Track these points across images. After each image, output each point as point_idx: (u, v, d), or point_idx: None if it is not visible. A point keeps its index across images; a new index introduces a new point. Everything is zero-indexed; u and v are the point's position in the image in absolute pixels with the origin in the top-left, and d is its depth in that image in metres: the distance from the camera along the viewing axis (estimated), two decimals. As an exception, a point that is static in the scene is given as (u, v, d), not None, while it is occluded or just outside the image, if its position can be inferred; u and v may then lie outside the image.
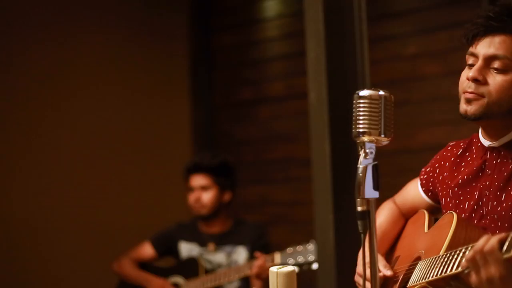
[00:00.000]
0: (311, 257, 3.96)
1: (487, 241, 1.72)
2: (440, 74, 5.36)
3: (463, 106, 2.22)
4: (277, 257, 4.04)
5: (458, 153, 2.46)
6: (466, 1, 5.22)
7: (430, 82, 5.45)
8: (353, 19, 3.74)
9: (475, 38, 2.22)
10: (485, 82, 2.18)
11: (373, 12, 5.43)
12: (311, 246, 3.96)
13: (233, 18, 6.72)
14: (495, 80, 2.17)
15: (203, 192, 4.45)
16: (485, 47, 2.19)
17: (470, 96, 2.20)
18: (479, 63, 2.20)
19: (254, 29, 6.61)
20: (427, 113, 5.50)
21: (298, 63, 5.59)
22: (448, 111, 2.36)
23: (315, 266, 3.96)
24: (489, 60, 2.18)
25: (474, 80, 2.19)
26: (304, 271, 3.95)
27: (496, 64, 2.17)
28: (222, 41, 6.76)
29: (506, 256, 1.62)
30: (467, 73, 2.23)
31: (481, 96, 2.18)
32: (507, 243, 1.63)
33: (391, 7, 5.77)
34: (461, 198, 2.36)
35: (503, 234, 1.67)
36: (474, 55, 2.23)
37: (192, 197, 4.47)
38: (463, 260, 1.92)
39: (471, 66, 2.23)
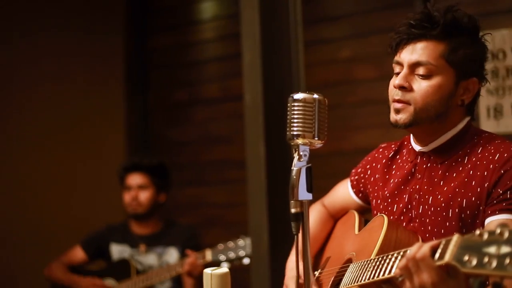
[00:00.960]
0: (242, 252, 3.97)
1: (419, 249, 1.74)
2: (373, 78, 5.44)
3: (393, 116, 2.26)
4: (208, 253, 4.05)
5: (390, 156, 2.50)
6: (400, 5, 5.31)
7: (364, 85, 5.52)
8: (289, 22, 3.77)
9: (398, 46, 2.27)
10: (411, 89, 2.22)
11: (309, 15, 5.48)
12: (241, 242, 3.98)
13: (169, 19, 6.69)
14: (420, 86, 2.21)
15: (140, 191, 4.45)
16: (408, 54, 2.23)
17: (398, 106, 2.23)
18: (404, 70, 2.24)
19: (190, 31, 6.60)
20: (360, 116, 5.57)
21: (233, 65, 5.60)
22: (381, 114, 2.39)
23: (246, 261, 3.98)
24: (413, 67, 2.22)
25: (400, 87, 2.23)
26: (235, 266, 3.96)
27: (420, 71, 2.21)
28: (157, 42, 6.72)
29: (438, 263, 1.65)
30: (394, 81, 2.27)
31: (408, 103, 2.22)
32: (439, 251, 1.66)
33: (326, 11, 5.83)
34: (392, 201, 2.39)
35: (435, 242, 1.69)
36: (399, 63, 2.27)
37: (129, 196, 4.45)
38: (396, 267, 1.93)
39: (397, 74, 2.27)
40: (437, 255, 1.66)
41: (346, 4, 5.75)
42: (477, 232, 1.52)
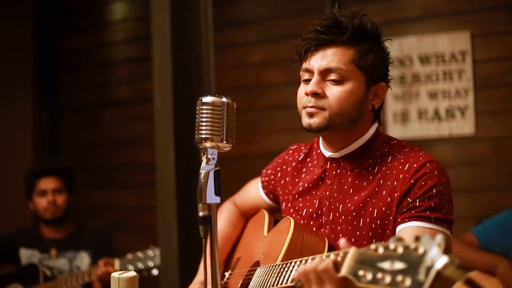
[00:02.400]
0: (151, 263, 3.95)
1: (322, 261, 1.72)
2: (283, 83, 5.49)
3: (306, 120, 2.24)
4: (117, 263, 4.01)
5: (300, 158, 2.51)
6: (310, 11, 5.38)
7: (274, 90, 5.57)
8: (200, 26, 3.76)
9: (307, 53, 2.25)
10: (324, 95, 2.20)
11: (220, 19, 5.49)
12: (151, 252, 3.95)
13: (79, 20, 6.59)
14: (333, 92, 2.20)
15: (56, 195, 4.37)
16: (318, 61, 2.22)
17: (311, 110, 2.22)
18: (316, 77, 2.22)
19: (100, 32, 6.52)
20: (270, 120, 5.62)
21: (144, 68, 5.57)
22: (290, 118, 2.40)
23: (155, 272, 3.95)
24: (324, 73, 2.21)
25: (314, 94, 2.21)
26: (144, 277, 3.93)
27: (332, 76, 2.20)
28: (67, 43, 6.62)
29: (340, 275, 1.65)
30: (304, 89, 2.26)
31: (322, 109, 2.21)
32: (345, 264, 1.65)
33: (237, 15, 5.85)
34: (301, 204, 2.40)
35: (338, 257, 1.68)
36: (309, 70, 2.25)
37: (44, 200, 4.36)
38: (294, 273, 1.94)
39: (307, 81, 2.26)
40: (340, 268, 1.66)
41: (256, 9, 5.79)
42: (373, 246, 1.52)
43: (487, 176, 5.02)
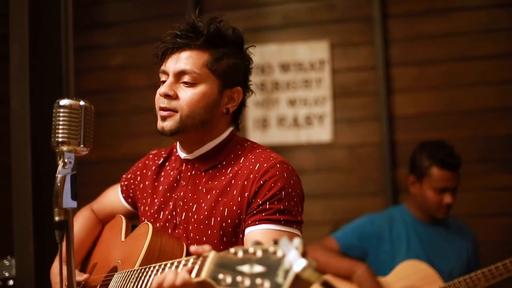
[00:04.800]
0: (7, 273, 3.82)
1: (177, 276, 1.74)
2: (145, 86, 5.47)
3: (160, 124, 2.28)
4: None
5: (159, 163, 2.53)
6: (173, 15, 5.38)
7: (135, 93, 5.53)
8: (60, 26, 3.68)
9: (164, 55, 2.31)
10: (176, 97, 2.25)
11: (81, 21, 5.40)
12: (7, 262, 3.82)
13: None
14: (186, 94, 2.25)
15: None
16: (173, 63, 2.27)
17: (164, 113, 2.26)
18: (170, 79, 2.27)
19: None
20: (131, 124, 5.58)
21: (1, 68, 5.39)
22: (151, 122, 2.38)
23: (11, 282, 3.83)
24: (178, 75, 2.26)
25: (166, 95, 2.26)
26: (-1, 287, 3.81)
27: (185, 79, 2.25)
28: None
29: (195, 280, 1.66)
30: (160, 90, 2.30)
31: (174, 111, 2.25)
32: (196, 267, 1.67)
33: (99, 17, 5.78)
34: (158, 208, 2.41)
35: (196, 262, 1.69)
36: (165, 72, 2.30)
37: None
38: (150, 286, 1.94)
39: (163, 82, 2.30)
40: (194, 272, 1.68)
41: (118, 11, 5.74)
42: (232, 250, 1.53)
43: (344, 182, 5.17)
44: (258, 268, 1.44)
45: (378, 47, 5.12)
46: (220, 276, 1.52)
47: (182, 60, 2.26)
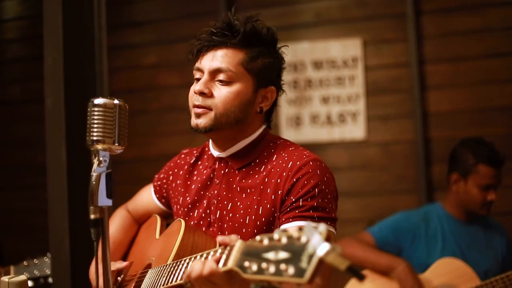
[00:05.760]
0: (48, 270, 3.86)
1: (204, 265, 1.77)
2: (177, 85, 5.49)
3: (194, 120, 2.28)
4: (12, 270, 3.89)
5: (192, 162, 2.53)
6: (205, 14, 5.39)
7: (168, 92, 5.56)
8: (93, 26, 3.71)
9: (199, 53, 2.30)
10: (211, 95, 2.25)
11: (114, 20, 5.44)
12: (47, 259, 3.86)
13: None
14: (221, 92, 2.24)
15: None
16: (209, 61, 2.27)
17: (199, 111, 2.25)
18: (205, 76, 2.27)
19: (-9, 30, 6.36)
20: (164, 123, 5.60)
21: (36, 67, 5.45)
22: (184, 121, 2.39)
23: (51, 280, 3.86)
24: (213, 73, 2.26)
25: (201, 93, 2.25)
26: (40, 284, 3.85)
27: (220, 77, 2.25)
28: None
29: (223, 269, 1.68)
30: (194, 87, 2.30)
31: (208, 109, 2.25)
32: (224, 257, 1.69)
33: (132, 16, 5.81)
34: (192, 206, 2.42)
35: (224, 252, 1.72)
36: (200, 70, 2.30)
37: None
38: (182, 276, 1.96)
39: (198, 80, 2.30)
40: (221, 262, 1.70)
41: (152, 10, 5.77)
42: (258, 237, 1.55)
43: (377, 179, 5.15)
44: (283, 254, 1.45)
45: (411, 43, 5.09)
46: (246, 264, 1.54)
47: (218, 58, 2.25)
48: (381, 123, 5.17)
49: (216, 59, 2.26)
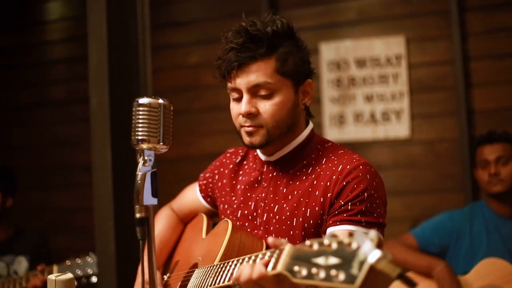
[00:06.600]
0: (90, 270, 3.89)
1: (253, 269, 1.75)
2: (220, 84, 5.49)
3: (247, 139, 2.24)
4: (55, 270, 3.94)
5: (237, 161, 2.52)
6: (247, 13, 5.39)
7: (211, 91, 5.57)
8: (137, 26, 3.74)
9: (230, 73, 2.23)
10: (258, 113, 2.21)
11: (158, 20, 5.47)
12: (90, 259, 3.89)
13: (14, 19, 6.49)
14: (266, 107, 2.20)
15: None
16: (244, 79, 2.20)
17: (249, 129, 2.22)
18: (246, 96, 2.21)
19: (36, 31, 6.43)
20: (208, 122, 5.62)
21: (80, 68, 5.51)
22: (228, 120, 2.38)
23: (94, 279, 3.90)
24: (252, 90, 2.20)
25: (248, 114, 2.21)
26: (83, 284, 3.88)
27: (261, 92, 2.20)
28: (2, 42, 6.51)
29: (272, 273, 1.68)
30: (236, 108, 2.25)
31: (259, 126, 2.21)
32: (273, 260, 1.68)
33: (175, 16, 5.84)
34: (237, 207, 2.41)
35: (273, 255, 1.71)
36: (236, 89, 2.24)
37: None
38: (231, 278, 1.96)
39: (236, 100, 2.25)
40: (270, 265, 1.69)
41: (194, 10, 5.79)
42: (308, 242, 1.53)
43: (422, 178, 5.11)
44: (333, 260, 1.45)
45: (456, 41, 5.03)
46: (296, 268, 1.53)
47: (253, 74, 2.19)
48: (425, 121, 5.13)
49: (250, 75, 2.19)
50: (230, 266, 2.03)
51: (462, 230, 3.83)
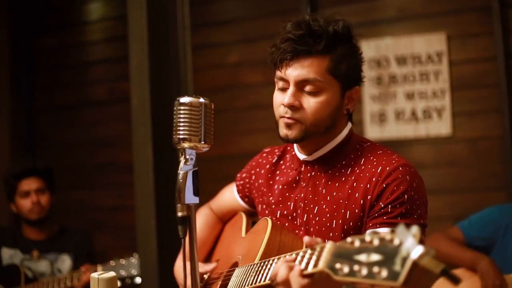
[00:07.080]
0: (134, 271, 3.91)
1: (290, 270, 1.75)
2: (260, 83, 5.50)
3: (283, 131, 2.24)
4: (99, 269, 3.97)
5: (273, 161, 2.51)
6: (287, 12, 5.38)
7: (251, 90, 5.57)
8: (177, 26, 3.76)
9: (282, 62, 2.22)
10: (300, 107, 2.20)
11: (197, 20, 5.48)
12: (134, 260, 3.91)
13: (56, 20, 6.56)
14: (310, 103, 2.19)
15: (40, 195, 4.34)
16: (294, 71, 2.19)
17: (288, 121, 2.21)
18: (292, 88, 2.20)
19: (77, 32, 6.49)
20: (248, 121, 5.62)
21: (121, 68, 5.55)
22: (268, 118, 2.38)
23: (138, 280, 3.92)
24: (300, 84, 2.20)
25: (290, 106, 2.20)
26: (127, 285, 3.91)
27: (308, 88, 2.19)
28: (43, 43, 6.58)
29: (313, 271, 1.67)
30: (280, 98, 2.25)
31: (298, 121, 2.20)
32: (314, 257, 1.67)
33: (214, 15, 5.85)
34: (276, 206, 2.41)
35: (314, 253, 1.70)
36: (284, 80, 2.23)
37: (28, 201, 4.33)
38: (268, 277, 1.97)
39: (282, 89, 2.25)
40: (312, 263, 1.68)
41: (234, 9, 5.79)
42: (349, 239, 1.52)
43: (464, 176, 5.05)
44: (375, 257, 1.43)
45: (498, 37, 4.96)
46: (337, 265, 1.52)
47: (304, 68, 2.18)
48: (467, 119, 5.07)
49: (302, 69, 2.18)
50: (271, 264, 2.02)
51: (511, 225, 3.77)
